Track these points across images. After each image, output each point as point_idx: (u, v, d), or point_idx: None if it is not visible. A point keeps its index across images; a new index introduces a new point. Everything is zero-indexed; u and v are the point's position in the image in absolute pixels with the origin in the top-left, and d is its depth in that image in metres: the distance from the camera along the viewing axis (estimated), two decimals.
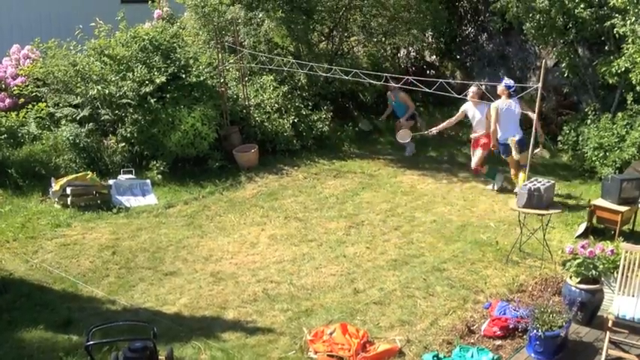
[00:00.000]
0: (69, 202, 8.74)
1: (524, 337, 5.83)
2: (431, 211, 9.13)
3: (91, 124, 10.06)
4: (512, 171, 9.70)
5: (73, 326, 5.97)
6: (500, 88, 9.47)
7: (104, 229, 8.25)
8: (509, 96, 9.37)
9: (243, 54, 11.46)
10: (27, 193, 9.11)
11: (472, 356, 5.49)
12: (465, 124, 10.94)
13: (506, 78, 9.93)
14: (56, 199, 8.81)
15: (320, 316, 6.26)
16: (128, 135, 10.02)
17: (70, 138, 9.72)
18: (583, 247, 6.18)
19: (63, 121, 10.15)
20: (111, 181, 9.34)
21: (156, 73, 10.11)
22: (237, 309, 6.42)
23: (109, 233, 8.11)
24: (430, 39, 14.41)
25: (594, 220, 8.27)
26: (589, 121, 10.76)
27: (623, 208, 7.99)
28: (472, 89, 9.83)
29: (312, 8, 12.19)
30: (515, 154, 9.39)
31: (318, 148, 11.69)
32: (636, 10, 9.55)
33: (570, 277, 6.19)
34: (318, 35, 13.24)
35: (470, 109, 9.97)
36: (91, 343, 4.99)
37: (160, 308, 6.40)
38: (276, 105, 11.56)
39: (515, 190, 9.09)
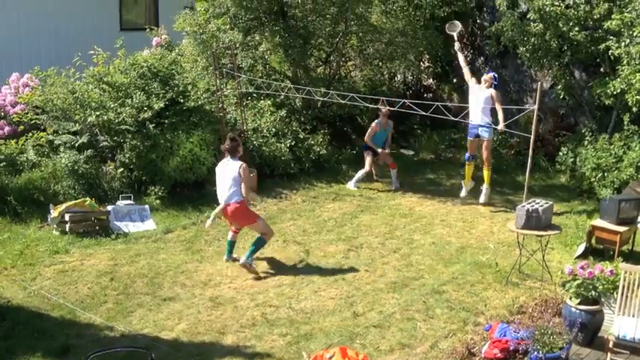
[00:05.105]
0: (67, 229, 8.73)
1: (525, 359, 5.79)
2: (430, 233, 9.13)
3: (89, 150, 10.08)
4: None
5: (71, 353, 5.93)
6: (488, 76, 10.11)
7: (102, 255, 8.23)
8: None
9: (242, 79, 11.54)
10: (26, 219, 9.09)
11: None
12: (463, 145, 10.98)
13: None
14: (55, 226, 8.81)
15: (319, 340, 6.23)
16: (127, 161, 10.04)
17: (69, 165, 9.73)
18: (582, 267, 6.17)
19: (62, 148, 10.17)
20: (109, 207, 9.33)
21: (154, 99, 10.17)
22: (236, 334, 6.39)
23: (108, 259, 8.09)
24: (427, 63, 14.51)
25: (593, 241, 8.27)
26: (586, 142, 10.79)
27: (621, 229, 8.00)
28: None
29: (309, 34, 12.30)
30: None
31: (317, 172, 11.69)
32: (630, 32, 9.68)
33: (570, 298, 6.18)
34: (316, 60, 13.34)
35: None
36: None
37: (159, 334, 6.37)
38: (273, 129, 11.59)
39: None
